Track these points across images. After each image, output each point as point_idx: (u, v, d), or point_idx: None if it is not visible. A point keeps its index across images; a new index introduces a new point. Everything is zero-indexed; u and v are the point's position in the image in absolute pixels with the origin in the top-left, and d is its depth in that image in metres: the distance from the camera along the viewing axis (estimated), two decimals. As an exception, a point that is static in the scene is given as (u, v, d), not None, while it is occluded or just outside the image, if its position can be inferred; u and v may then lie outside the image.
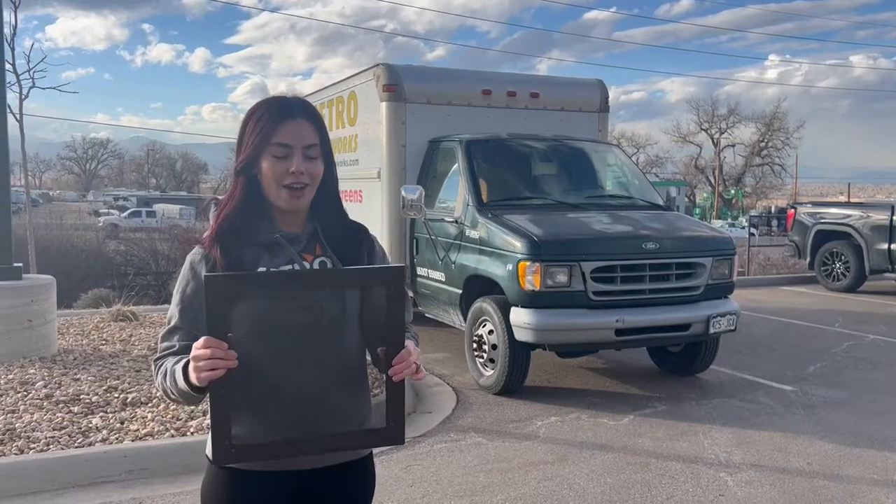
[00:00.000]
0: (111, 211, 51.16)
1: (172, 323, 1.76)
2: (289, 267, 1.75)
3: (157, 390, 1.75)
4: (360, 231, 1.89)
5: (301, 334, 1.67)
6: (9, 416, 4.80)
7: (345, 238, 1.84)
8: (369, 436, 1.74)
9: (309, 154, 1.74)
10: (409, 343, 1.66)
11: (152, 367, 1.78)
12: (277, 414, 1.68)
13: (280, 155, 1.71)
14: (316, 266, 1.78)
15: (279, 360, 1.67)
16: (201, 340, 1.52)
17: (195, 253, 1.78)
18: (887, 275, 12.61)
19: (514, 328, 5.73)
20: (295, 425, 1.67)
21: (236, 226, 1.75)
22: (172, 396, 1.68)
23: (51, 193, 78.14)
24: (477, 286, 6.34)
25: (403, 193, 6.48)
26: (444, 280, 6.80)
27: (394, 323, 1.62)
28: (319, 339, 1.69)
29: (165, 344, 1.75)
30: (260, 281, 1.65)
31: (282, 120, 1.73)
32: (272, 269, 1.73)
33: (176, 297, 1.77)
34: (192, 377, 1.54)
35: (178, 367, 1.63)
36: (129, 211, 47.34)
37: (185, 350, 1.71)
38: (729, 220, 50.70)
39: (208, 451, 1.77)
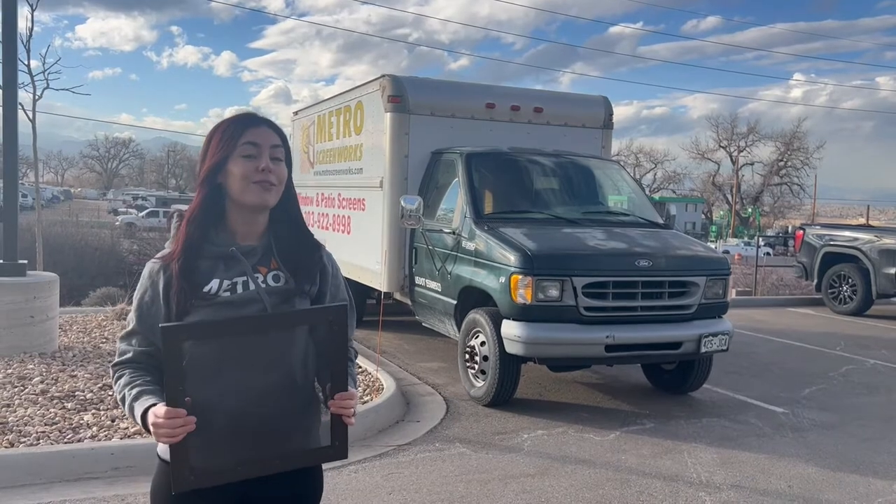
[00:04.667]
0: (129, 210, 51.80)
1: (130, 327, 1.86)
2: (243, 279, 1.82)
3: (115, 396, 1.86)
4: (316, 249, 1.95)
5: (253, 371, 1.76)
6: (3, 409, 4.91)
7: (300, 254, 1.90)
8: (316, 453, 1.87)
9: (275, 155, 1.83)
10: (352, 389, 1.77)
11: (111, 372, 1.88)
12: (234, 446, 1.75)
13: (248, 153, 1.80)
14: (270, 279, 1.86)
15: (234, 396, 1.75)
16: (161, 410, 1.62)
17: (154, 262, 1.85)
18: (894, 299, 12.52)
19: (504, 341, 5.78)
20: (249, 452, 1.75)
21: (197, 237, 1.82)
22: (127, 415, 1.79)
23: (72, 191, 79.24)
24: (472, 297, 6.40)
25: (402, 203, 6.55)
26: (440, 290, 6.87)
27: (337, 368, 1.76)
28: (271, 374, 1.78)
29: (124, 346, 1.86)
30: (213, 328, 1.74)
31: (248, 126, 1.84)
32: (224, 317, 1.77)
33: (134, 303, 1.87)
34: (152, 436, 1.65)
35: (137, 408, 1.71)
36: (146, 210, 47.86)
37: (142, 357, 1.83)
38: (745, 239, 50.45)
39: (160, 450, 1.85)
